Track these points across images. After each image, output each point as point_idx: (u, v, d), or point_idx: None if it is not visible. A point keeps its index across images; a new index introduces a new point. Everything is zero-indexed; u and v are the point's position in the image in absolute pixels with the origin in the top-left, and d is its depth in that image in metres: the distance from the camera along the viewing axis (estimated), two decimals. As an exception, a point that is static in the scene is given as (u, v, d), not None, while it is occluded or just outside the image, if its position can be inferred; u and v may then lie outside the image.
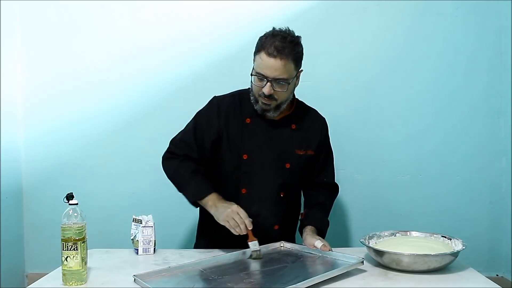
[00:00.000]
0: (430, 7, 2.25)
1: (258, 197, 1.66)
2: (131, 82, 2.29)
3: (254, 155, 1.65)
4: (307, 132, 1.71)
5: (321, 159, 1.75)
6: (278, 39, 1.52)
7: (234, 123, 1.65)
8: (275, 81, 1.53)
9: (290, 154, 1.67)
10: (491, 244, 2.30)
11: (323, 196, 1.78)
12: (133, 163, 2.31)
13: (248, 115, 1.66)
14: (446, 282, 1.32)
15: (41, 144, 2.31)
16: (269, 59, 1.51)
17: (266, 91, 1.53)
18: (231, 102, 1.68)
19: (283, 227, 1.73)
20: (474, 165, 2.29)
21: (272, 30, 1.57)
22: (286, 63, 1.52)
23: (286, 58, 1.51)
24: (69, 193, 1.31)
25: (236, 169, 1.66)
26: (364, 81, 2.28)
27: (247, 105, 1.66)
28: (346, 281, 1.32)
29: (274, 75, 1.52)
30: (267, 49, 1.51)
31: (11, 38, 2.25)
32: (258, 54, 1.55)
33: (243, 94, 1.69)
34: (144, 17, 2.27)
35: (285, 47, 1.51)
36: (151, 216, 1.64)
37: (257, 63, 1.56)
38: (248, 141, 1.65)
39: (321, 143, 1.73)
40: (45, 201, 2.29)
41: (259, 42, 1.56)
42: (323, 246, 1.51)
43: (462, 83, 2.27)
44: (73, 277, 1.28)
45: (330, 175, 1.80)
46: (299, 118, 1.70)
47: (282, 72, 1.52)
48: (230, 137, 1.65)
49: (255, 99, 1.61)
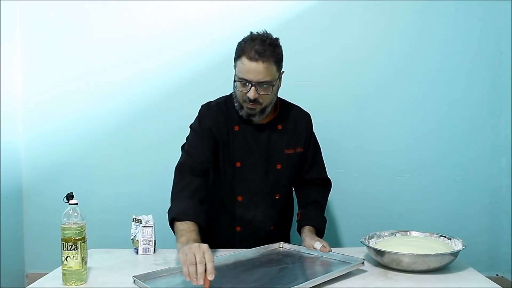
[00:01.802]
0: (430, 7, 2.25)
1: (253, 203, 1.67)
2: (131, 82, 2.29)
3: (246, 162, 1.65)
4: (294, 130, 1.70)
5: (309, 155, 1.75)
6: (257, 43, 1.51)
7: (225, 131, 1.64)
8: (259, 84, 1.52)
9: (280, 155, 1.67)
10: (491, 244, 2.30)
11: (317, 192, 1.77)
12: (133, 163, 2.31)
13: (236, 122, 1.65)
14: (446, 282, 1.32)
15: (41, 144, 2.31)
16: (251, 63, 1.50)
17: (251, 95, 1.52)
18: (218, 110, 1.66)
19: (278, 227, 1.75)
20: (474, 165, 2.29)
21: (250, 34, 1.57)
22: (268, 66, 1.51)
23: (267, 60, 1.51)
24: (69, 193, 1.31)
25: (231, 177, 1.65)
26: (364, 81, 2.28)
27: (233, 112, 1.65)
28: (346, 281, 1.32)
29: (257, 79, 1.51)
30: (248, 54, 1.51)
31: (11, 38, 2.25)
32: (239, 59, 1.54)
33: (227, 101, 1.68)
34: (144, 18, 2.28)
35: (266, 49, 1.50)
36: (151, 216, 1.64)
37: (238, 68, 1.55)
38: (239, 149, 1.64)
39: (307, 139, 1.73)
40: (45, 201, 2.29)
41: (239, 47, 1.56)
42: (322, 248, 1.50)
43: (462, 83, 2.27)
44: (73, 277, 1.28)
45: (320, 170, 1.79)
46: (284, 118, 1.70)
47: (265, 75, 1.52)
48: (222, 145, 1.64)
49: (239, 105, 1.60)
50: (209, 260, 1.18)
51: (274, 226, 1.72)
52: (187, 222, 1.43)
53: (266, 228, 1.70)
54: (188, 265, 1.17)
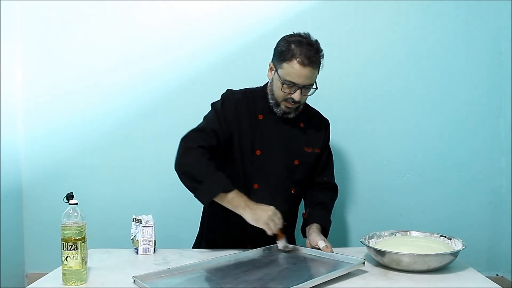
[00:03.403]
0: (430, 7, 2.25)
1: (269, 192, 1.67)
2: (132, 82, 2.29)
3: (266, 151, 1.67)
4: (314, 131, 1.75)
5: (323, 158, 1.79)
6: (307, 48, 1.55)
7: (247, 118, 1.66)
8: (304, 87, 1.58)
9: (299, 151, 1.70)
10: (491, 244, 2.30)
11: (325, 196, 1.80)
12: (133, 163, 2.31)
13: (260, 111, 1.68)
14: (446, 282, 1.32)
15: (41, 144, 2.31)
16: (302, 69, 1.54)
17: (297, 97, 1.58)
18: (244, 97, 1.69)
19: (289, 225, 1.75)
20: (474, 165, 2.29)
21: (295, 36, 1.59)
22: (315, 71, 1.58)
23: (316, 67, 1.58)
24: (69, 193, 1.31)
25: (249, 164, 1.66)
26: (364, 81, 2.28)
27: (259, 102, 1.69)
28: (346, 281, 1.32)
29: (305, 83, 1.57)
30: (299, 58, 1.54)
31: (11, 38, 2.25)
32: (287, 62, 1.55)
33: (255, 92, 1.72)
34: (145, 18, 2.28)
35: (314, 55, 1.56)
36: (151, 216, 1.64)
37: (287, 71, 1.56)
38: (261, 137, 1.67)
39: (325, 142, 1.78)
40: (45, 201, 2.29)
41: (287, 50, 1.56)
42: (325, 247, 1.52)
43: (462, 83, 2.27)
44: (73, 277, 1.28)
45: (330, 175, 1.83)
46: (307, 118, 1.74)
47: (312, 79, 1.59)
48: (242, 132, 1.65)
49: (275, 103, 1.64)
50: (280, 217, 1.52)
51: (286, 222, 1.69)
52: (234, 191, 1.52)
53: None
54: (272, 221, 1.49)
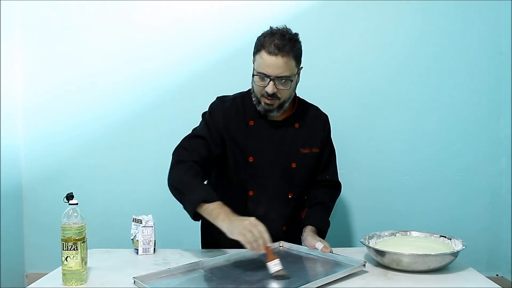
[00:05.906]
0: (431, 7, 2.25)
1: (266, 199, 1.65)
2: (131, 82, 2.29)
3: (260, 157, 1.64)
4: (311, 130, 1.70)
5: (324, 156, 1.74)
6: (277, 37, 1.51)
7: (238, 126, 1.63)
8: (277, 79, 1.53)
9: (295, 154, 1.66)
10: (491, 244, 2.30)
11: (325, 195, 1.76)
12: (133, 163, 2.31)
13: (251, 117, 1.65)
14: (446, 282, 1.32)
15: (41, 144, 2.31)
16: (270, 58, 1.50)
17: (269, 90, 1.53)
18: (234, 104, 1.66)
19: (292, 228, 1.72)
20: (474, 165, 2.29)
21: (270, 29, 1.57)
22: (287, 61, 1.51)
23: (287, 55, 1.51)
24: (69, 193, 1.31)
25: (242, 172, 1.64)
26: (364, 81, 2.28)
27: (249, 107, 1.65)
28: (346, 281, 1.31)
29: (276, 73, 1.51)
30: (267, 48, 1.51)
31: (11, 38, 2.25)
32: (258, 53, 1.55)
33: (245, 97, 1.68)
34: (144, 18, 2.28)
35: (285, 44, 1.51)
36: (151, 216, 1.64)
37: (257, 62, 1.55)
38: (253, 143, 1.64)
39: (324, 139, 1.73)
40: (45, 201, 2.29)
41: (258, 41, 1.56)
42: (324, 248, 1.50)
43: (462, 83, 2.27)
44: (73, 277, 1.28)
45: (332, 173, 1.79)
46: (302, 116, 1.70)
47: (284, 69, 1.52)
48: (233, 140, 1.63)
49: (257, 99, 1.60)
50: (263, 230, 1.33)
51: (287, 226, 1.70)
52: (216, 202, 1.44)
53: (278, 228, 1.66)
54: (249, 231, 1.31)
